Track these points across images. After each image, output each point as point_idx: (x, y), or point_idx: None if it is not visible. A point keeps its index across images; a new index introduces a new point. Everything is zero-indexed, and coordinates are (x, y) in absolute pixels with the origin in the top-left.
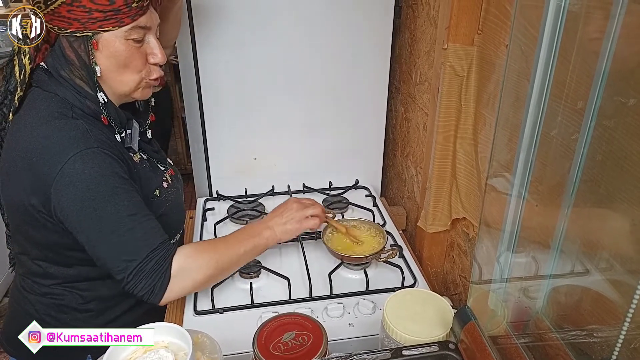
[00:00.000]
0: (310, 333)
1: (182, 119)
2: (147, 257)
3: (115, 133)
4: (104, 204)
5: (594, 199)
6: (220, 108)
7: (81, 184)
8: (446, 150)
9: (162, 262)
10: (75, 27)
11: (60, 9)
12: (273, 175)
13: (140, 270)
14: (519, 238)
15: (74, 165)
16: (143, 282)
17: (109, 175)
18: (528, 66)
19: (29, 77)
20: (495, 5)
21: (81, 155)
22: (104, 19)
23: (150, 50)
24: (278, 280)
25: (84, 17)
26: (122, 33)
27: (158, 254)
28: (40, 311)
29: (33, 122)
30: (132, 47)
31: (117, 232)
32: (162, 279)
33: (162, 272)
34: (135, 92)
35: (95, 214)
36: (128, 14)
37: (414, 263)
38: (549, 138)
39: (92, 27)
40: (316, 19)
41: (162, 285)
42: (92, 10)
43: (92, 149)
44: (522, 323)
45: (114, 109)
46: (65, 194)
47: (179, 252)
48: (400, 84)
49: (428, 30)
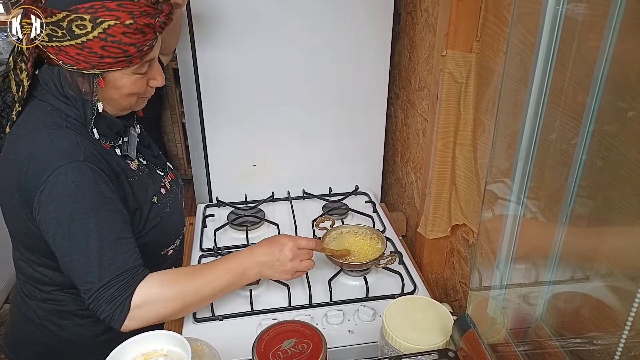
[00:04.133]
0: (309, 341)
1: (182, 125)
2: (108, 283)
3: (115, 148)
4: (79, 222)
5: (593, 205)
6: (220, 114)
7: (61, 197)
8: (445, 156)
9: (124, 291)
10: (83, 66)
11: (68, 49)
12: (273, 181)
13: (100, 295)
14: (518, 245)
15: (57, 178)
16: (102, 307)
17: (90, 191)
18: (526, 73)
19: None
20: (494, 12)
21: (66, 169)
22: (114, 63)
23: (151, 75)
24: (278, 287)
25: (94, 60)
26: (130, 70)
27: (121, 281)
28: (41, 317)
29: (27, 132)
30: (138, 79)
31: (84, 252)
32: (120, 308)
33: (122, 301)
34: (134, 107)
35: (68, 230)
36: (138, 55)
37: (414, 269)
38: (547, 145)
39: (102, 68)
40: (315, 26)
41: (120, 314)
42: (103, 56)
43: (79, 162)
44: (521, 330)
45: (105, 123)
46: (45, 206)
47: (147, 280)
48: (399, 90)
49: (427, 37)
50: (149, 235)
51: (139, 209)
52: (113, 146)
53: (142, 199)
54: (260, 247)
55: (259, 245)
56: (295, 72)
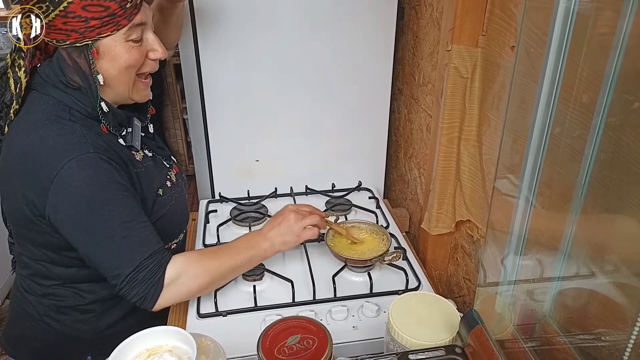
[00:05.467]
0: (314, 337)
1: (183, 120)
2: (140, 265)
3: (119, 138)
4: (99, 210)
5: (603, 201)
6: (223, 110)
7: (76, 190)
8: (450, 152)
9: (156, 271)
10: (74, 38)
11: (56, 21)
12: (275, 177)
13: (133, 278)
14: (526, 241)
15: (70, 171)
16: (136, 289)
17: (104, 181)
18: (535, 68)
19: (25, 88)
20: (500, 6)
21: (77, 161)
22: (101, 25)
23: (150, 46)
24: (282, 283)
25: (81, 26)
26: (121, 36)
27: (152, 262)
28: (41, 312)
29: (29, 126)
30: (132, 47)
31: (110, 239)
32: (155, 287)
33: (156, 281)
34: (133, 94)
35: (89, 220)
36: (123, 15)
37: (418, 265)
38: (557, 141)
39: (91, 35)
40: (319, 21)
41: (154, 293)
42: (88, 19)
43: (89, 154)
44: (529, 326)
45: (112, 113)
46: (61, 200)
47: (174, 260)
48: (403, 85)
49: (431, 32)
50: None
51: (144, 200)
52: (116, 135)
53: (148, 191)
54: (267, 224)
55: (266, 223)
56: (299, 67)
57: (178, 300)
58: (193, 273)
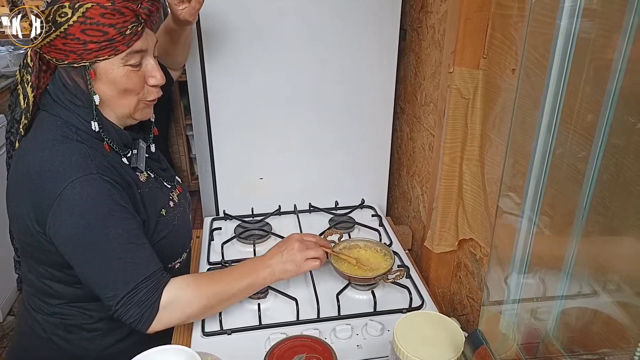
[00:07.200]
0: (320, 356)
1: (186, 137)
2: (136, 287)
3: (122, 157)
4: (98, 230)
5: (605, 221)
6: (228, 128)
7: (77, 210)
8: (452, 171)
9: (152, 293)
10: (72, 59)
11: (56, 41)
12: (279, 194)
13: (128, 300)
14: (530, 261)
15: (73, 191)
16: (131, 311)
17: (105, 202)
18: (536, 91)
19: (33, 105)
20: (500, 30)
21: (80, 182)
22: (99, 49)
23: (149, 72)
24: (286, 301)
25: (79, 49)
26: (119, 60)
27: (148, 285)
28: (48, 330)
29: (37, 145)
30: (130, 72)
31: (108, 259)
32: (150, 310)
33: (151, 304)
34: (135, 114)
35: (87, 240)
36: (122, 41)
37: (421, 283)
38: (559, 162)
39: (89, 58)
40: (323, 40)
41: (149, 316)
42: (86, 42)
43: (92, 175)
44: (533, 345)
45: (116, 132)
46: (61, 219)
47: (172, 283)
48: (405, 104)
49: (433, 53)
50: (156, 247)
51: (147, 220)
52: (120, 154)
53: (151, 211)
54: (270, 251)
55: (269, 250)
56: (303, 87)
57: (173, 324)
58: (188, 298)
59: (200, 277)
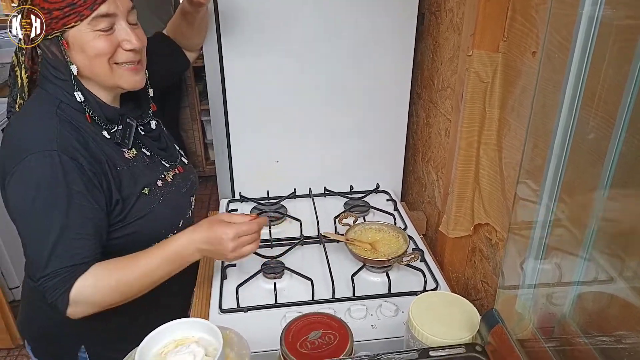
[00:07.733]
0: (336, 332)
1: (201, 122)
2: (51, 273)
3: (103, 130)
4: (41, 211)
5: (625, 205)
6: (244, 112)
7: (27, 185)
8: (469, 155)
9: (63, 284)
10: (45, 31)
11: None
12: (295, 178)
13: (43, 283)
14: (547, 245)
15: (28, 164)
16: (47, 294)
17: (58, 182)
18: (558, 74)
19: (28, 84)
20: (521, 12)
21: (36, 157)
22: (64, 16)
23: (122, 37)
24: (301, 281)
25: (46, 18)
26: (86, 26)
27: (62, 274)
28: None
29: (16, 118)
30: (101, 37)
31: (41, 240)
32: (61, 299)
33: (61, 293)
34: (119, 81)
35: (29, 217)
36: (84, 5)
37: (436, 267)
38: (579, 145)
39: (57, 27)
40: (339, 24)
41: (62, 304)
42: (50, 10)
43: (51, 152)
44: (549, 328)
45: (98, 105)
46: (11, 190)
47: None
48: (421, 89)
49: (451, 37)
50: (134, 225)
51: (121, 199)
52: (101, 127)
53: (128, 190)
54: (201, 233)
55: (200, 229)
56: (319, 71)
57: (92, 312)
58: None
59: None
